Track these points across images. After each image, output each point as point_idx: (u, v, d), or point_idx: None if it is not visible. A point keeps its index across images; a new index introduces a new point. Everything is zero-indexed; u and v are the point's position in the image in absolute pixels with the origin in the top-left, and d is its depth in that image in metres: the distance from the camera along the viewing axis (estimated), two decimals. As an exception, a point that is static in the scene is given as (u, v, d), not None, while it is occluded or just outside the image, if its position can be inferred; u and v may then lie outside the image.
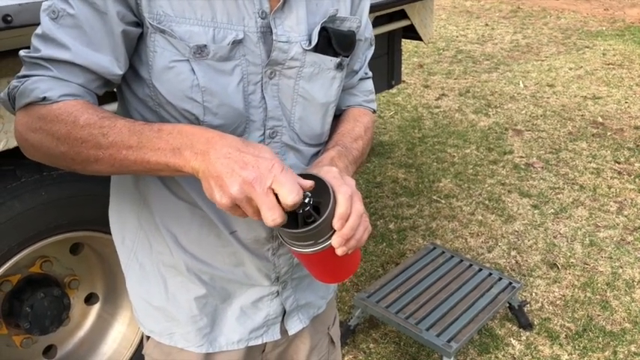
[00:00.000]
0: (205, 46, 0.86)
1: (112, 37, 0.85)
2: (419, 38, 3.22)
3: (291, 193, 0.75)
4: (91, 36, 0.84)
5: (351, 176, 0.96)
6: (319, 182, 0.84)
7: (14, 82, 0.86)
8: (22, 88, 0.84)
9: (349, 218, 0.82)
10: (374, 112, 1.17)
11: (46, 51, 0.84)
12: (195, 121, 0.89)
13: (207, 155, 0.77)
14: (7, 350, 1.76)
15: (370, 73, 1.17)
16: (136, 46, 0.89)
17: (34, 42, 0.85)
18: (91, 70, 0.85)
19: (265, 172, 0.75)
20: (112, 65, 0.86)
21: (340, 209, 0.82)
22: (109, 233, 1.77)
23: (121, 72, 0.88)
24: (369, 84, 1.17)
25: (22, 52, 0.86)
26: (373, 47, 1.14)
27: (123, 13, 0.84)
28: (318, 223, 0.80)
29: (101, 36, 0.84)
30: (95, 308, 1.96)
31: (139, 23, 0.86)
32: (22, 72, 0.86)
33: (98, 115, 0.82)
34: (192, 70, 0.86)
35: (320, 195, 0.83)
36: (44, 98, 0.82)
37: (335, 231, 0.83)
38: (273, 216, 0.76)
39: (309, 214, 0.81)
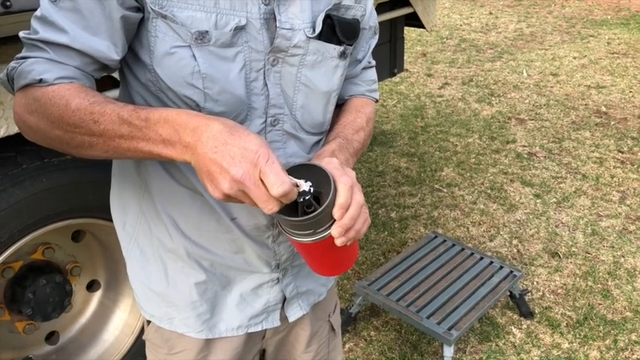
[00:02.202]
0: (207, 32, 0.85)
1: (111, 22, 0.84)
2: (422, 26, 3.19)
3: (275, 184, 0.74)
4: (90, 20, 0.83)
5: (352, 168, 0.96)
6: (320, 172, 0.83)
7: (12, 63, 0.86)
8: (20, 70, 0.84)
9: (349, 208, 0.82)
10: (376, 101, 1.16)
11: (44, 34, 0.83)
12: (196, 107, 0.88)
13: (196, 149, 0.76)
14: (10, 336, 1.77)
15: (373, 62, 1.16)
16: (137, 31, 0.88)
17: (33, 23, 0.85)
18: (88, 55, 0.85)
19: (251, 167, 0.74)
20: (109, 50, 0.86)
21: (340, 199, 0.81)
22: (111, 220, 1.77)
23: (118, 57, 0.87)
24: (372, 73, 1.16)
25: (21, 33, 0.86)
26: (377, 36, 1.13)
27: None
28: (318, 211, 0.80)
29: (99, 21, 0.84)
30: (97, 295, 1.97)
31: (140, 8, 0.86)
32: (21, 53, 0.86)
33: (89, 100, 0.81)
34: (194, 56, 0.86)
35: (320, 185, 0.82)
36: (40, 80, 0.82)
37: (334, 221, 0.82)
38: (268, 206, 0.76)
39: (310, 203, 0.81)
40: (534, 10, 7.69)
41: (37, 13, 0.85)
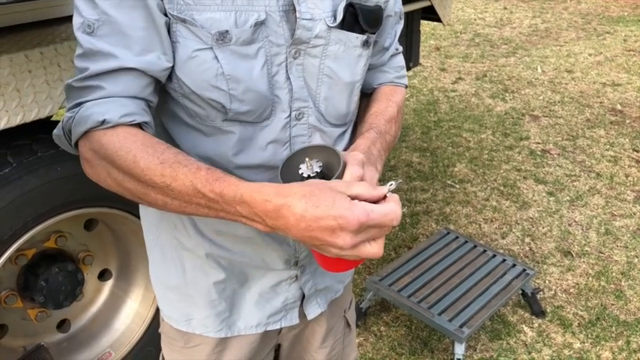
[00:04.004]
0: (227, 31, 0.83)
1: (155, 30, 0.82)
2: (437, 20, 3.16)
3: (393, 219, 0.73)
4: (133, 36, 0.81)
5: (384, 161, 0.94)
6: (336, 157, 0.82)
7: (67, 114, 0.83)
8: (78, 117, 0.80)
9: None
10: (406, 87, 1.14)
11: (94, 66, 0.80)
12: (222, 109, 0.87)
13: (289, 233, 0.74)
14: (23, 323, 1.78)
15: (401, 48, 1.13)
16: None
17: (78, 64, 0.82)
18: (142, 72, 0.82)
19: (354, 234, 0.71)
20: (160, 60, 0.83)
21: None
22: (124, 210, 1.78)
23: (169, 64, 0.85)
24: (400, 59, 1.13)
25: (69, 80, 0.83)
26: (402, 21, 1.10)
27: (159, 3, 0.82)
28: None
29: (142, 33, 0.82)
30: (108, 284, 1.97)
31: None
32: (73, 101, 0.83)
33: (158, 158, 0.78)
34: (216, 57, 0.84)
35: (333, 170, 0.81)
36: (103, 121, 0.79)
37: None
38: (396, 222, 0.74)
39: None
40: (549, 6, 7.61)
41: (78, 52, 0.82)
